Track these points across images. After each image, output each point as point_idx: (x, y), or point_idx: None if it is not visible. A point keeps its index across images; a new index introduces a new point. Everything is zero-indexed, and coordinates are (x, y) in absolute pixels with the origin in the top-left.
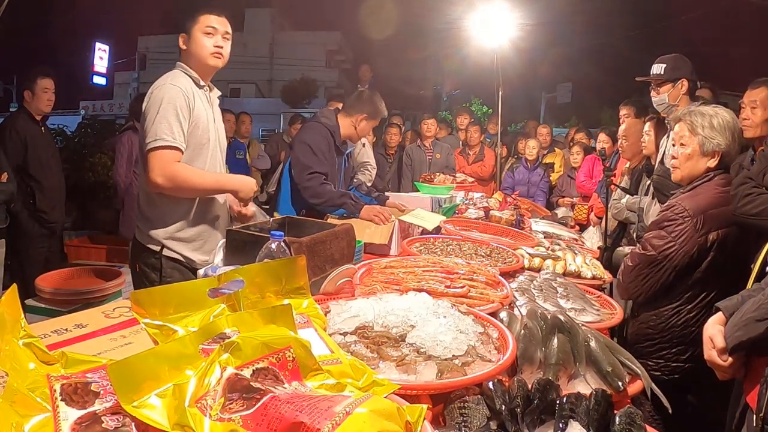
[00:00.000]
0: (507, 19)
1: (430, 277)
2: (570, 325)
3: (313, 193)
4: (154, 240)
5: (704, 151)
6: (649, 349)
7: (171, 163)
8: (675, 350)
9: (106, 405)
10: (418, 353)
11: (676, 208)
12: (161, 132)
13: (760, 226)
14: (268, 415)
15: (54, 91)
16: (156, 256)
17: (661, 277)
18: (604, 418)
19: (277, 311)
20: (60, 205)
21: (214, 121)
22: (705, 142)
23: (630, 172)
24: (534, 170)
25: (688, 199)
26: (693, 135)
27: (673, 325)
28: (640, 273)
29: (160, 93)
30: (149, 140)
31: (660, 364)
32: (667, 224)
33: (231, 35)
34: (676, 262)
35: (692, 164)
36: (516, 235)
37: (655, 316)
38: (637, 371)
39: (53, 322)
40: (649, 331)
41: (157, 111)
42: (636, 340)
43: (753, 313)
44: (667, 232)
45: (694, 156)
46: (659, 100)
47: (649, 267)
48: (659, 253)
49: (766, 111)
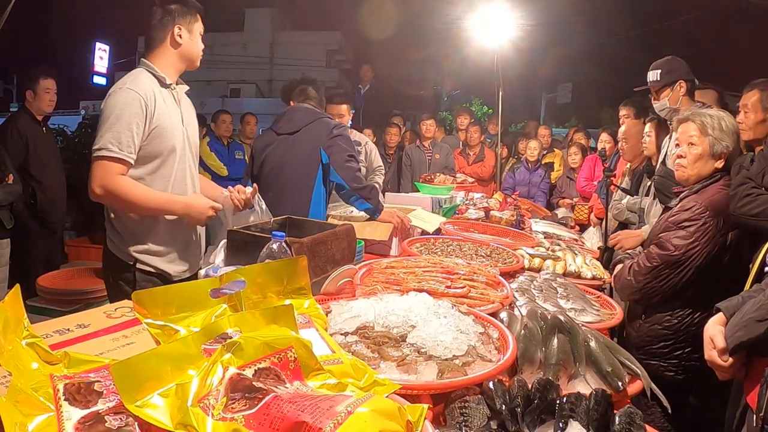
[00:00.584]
0: (507, 20)
1: (430, 277)
2: (570, 325)
3: (353, 176)
4: (126, 253)
5: (714, 152)
6: (663, 350)
7: (112, 176)
8: (689, 350)
9: (109, 404)
10: (418, 353)
11: (696, 208)
12: (107, 141)
13: (760, 226)
14: (270, 414)
15: (56, 92)
16: (130, 270)
17: (683, 277)
18: (603, 418)
19: (279, 311)
20: (61, 205)
21: (182, 121)
22: (715, 143)
23: (631, 173)
24: (535, 171)
25: (705, 200)
26: (704, 135)
27: (688, 324)
28: (660, 273)
29: (116, 99)
30: (95, 147)
31: (673, 364)
32: (688, 224)
33: None
34: (699, 262)
35: (701, 165)
36: (516, 236)
37: (670, 317)
38: (636, 371)
39: (55, 322)
40: (664, 332)
41: (108, 118)
42: (647, 341)
43: (753, 313)
44: (689, 232)
45: (704, 156)
46: (660, 106)
47: (670, 267)
48: (683, 253)
49: (758, 114)
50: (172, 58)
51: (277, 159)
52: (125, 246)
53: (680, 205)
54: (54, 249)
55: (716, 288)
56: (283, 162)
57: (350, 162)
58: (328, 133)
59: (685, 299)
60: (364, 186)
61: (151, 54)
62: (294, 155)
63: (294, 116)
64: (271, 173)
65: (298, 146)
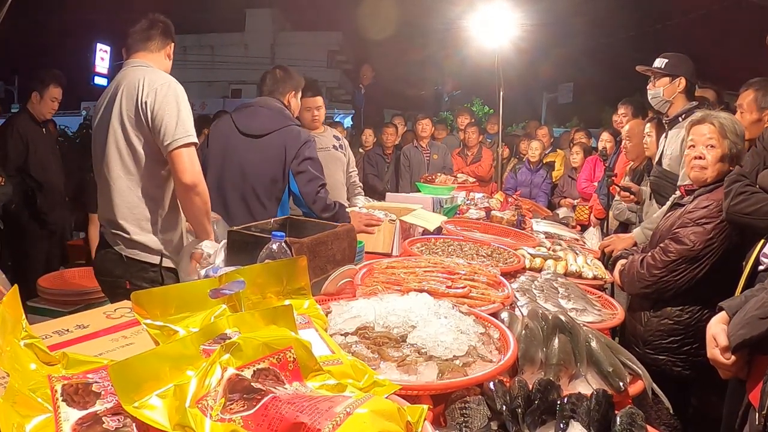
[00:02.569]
0: (508, 20)
1: (431, 277)
2: (571, 325)
3: (323, 207)
4: (152, 251)
5: (731, 154)
6: (673, 345)
7: (198, 164)
8: (697, 345)
9: (107, 405)
10: (419, 354)
11: (713, 206)
12: (191, 128)
13: (753, 225)
14: (269, 415)
15: (60, 101)
16: (154, 269)
17: (698, 272)
18: (605, 419)
19: (278, 312)
20: (61, 205)
21: None
22: (732, 146)
23: (631, 173)
24: (537, 172)
25: (721, 199)
26: (723, 138)
27: (698, 320)
28: (677, 268)
29: (177, 88)
30: (179, 136)
31: (681, 359)
32: (706, 221)
33: None
34: (715, 259)
35: (721, 166)
36: (517, 236)
37: (681, 311)
38: (638, 371)
39: (55, 322)
40: (674, 327)
41: (179, 106)
42: (658, 336)
43: (756, 311)
44: (707, 229)
45: (725, 158)
46: (654, 93)
47: (687, 262)
48: (701, 249)
49: (754, 114)
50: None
51: (241, 162)
52: (154, 244)
53: (695, 203)
54: (54, 250)
55: (728, 286)
56: (246, 168)
57: (320, 193)
58: (296, 153)
59: (697, 295)
60: (334, 214)
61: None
62: (258, 166)
63: (259, 115)
64: (235, 175)
65: (264, 157)
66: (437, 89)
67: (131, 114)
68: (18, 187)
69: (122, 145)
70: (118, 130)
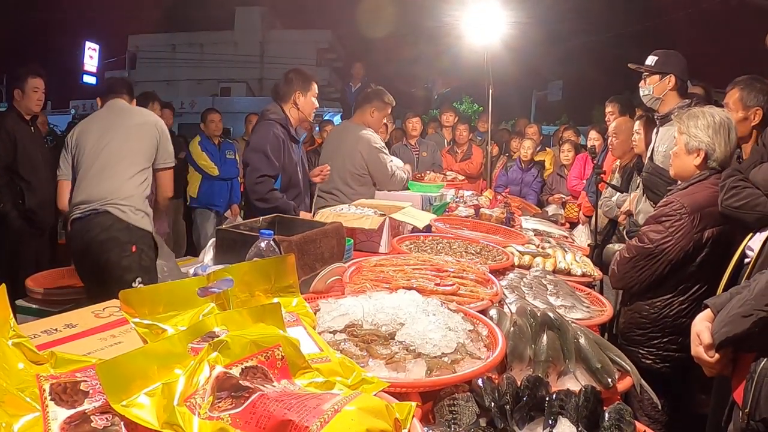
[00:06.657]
0: (498, 18)
1: (419, 275)
2: (560, 322)
3: (260, 197)
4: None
5: (688, 149)
6: (641, 338)
7: None
8: (666, 340)
9: (95, 404)
10: (407, 351)
11: (674, 204)
12: None
13: (742, 219)
14: (257, 413)
15: (44, 91)
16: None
17: (657, 269)
18: (593, 415)
19: (266, 310)
20: (50, 204)
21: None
22: (689, 140)
23: (621, 170)
24: (528, 170)
25: (686, 197)
26: (680, 134)
27: (665, 315)
28: (636, 264)
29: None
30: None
31: (651, 352)
32: (664, 219)
33: None
34: (671, 257)
35: (680, 162)
36: (506, 233)
37: (648, 306)
38: (626, 368)
39: (43, 322)
40: (641, 321)
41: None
42: (628, 328)
43: (739, 309)
44: (665, 227)
45: (680, 154)
46: (645, 91)
47: (645, 259)
48: (656, 246)
49: (739, 112)
50: None
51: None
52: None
53: (664, 200)
54: (43, 249)
55: (691, 282)
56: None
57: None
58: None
59: (661, 291)
60: (272, 206)
61: None
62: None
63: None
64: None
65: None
66: (427, 87)
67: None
68: (6, 186)
69: None
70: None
